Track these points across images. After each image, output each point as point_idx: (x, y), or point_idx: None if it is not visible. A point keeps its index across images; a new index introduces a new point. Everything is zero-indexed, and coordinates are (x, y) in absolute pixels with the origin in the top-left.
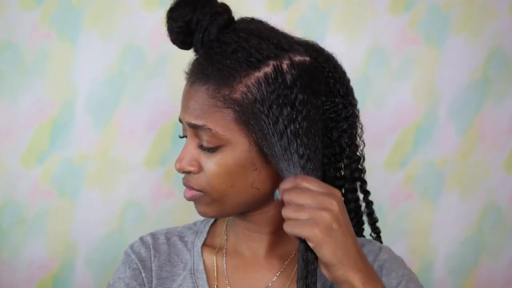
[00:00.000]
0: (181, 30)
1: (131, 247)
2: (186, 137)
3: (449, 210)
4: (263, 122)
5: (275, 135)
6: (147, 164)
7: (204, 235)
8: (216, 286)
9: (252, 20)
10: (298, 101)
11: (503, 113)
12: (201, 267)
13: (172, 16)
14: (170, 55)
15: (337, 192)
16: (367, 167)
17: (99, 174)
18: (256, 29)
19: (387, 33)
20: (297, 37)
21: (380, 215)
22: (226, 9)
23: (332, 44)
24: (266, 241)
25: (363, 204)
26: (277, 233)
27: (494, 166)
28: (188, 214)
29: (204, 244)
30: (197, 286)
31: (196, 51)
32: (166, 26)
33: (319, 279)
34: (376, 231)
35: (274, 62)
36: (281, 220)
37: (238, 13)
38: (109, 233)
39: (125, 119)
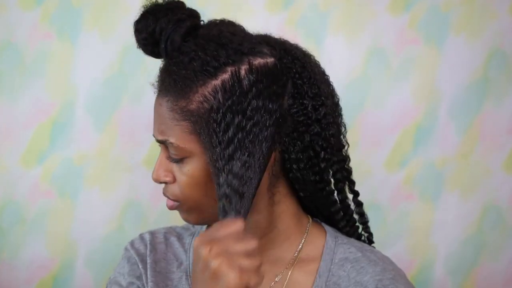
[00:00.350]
0: (146, 41)
1: (131, 243)
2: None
3: (449, 210)
4: (212, 131)
5: (222, 144)
6: (147, 164)
7: None
8: None
9: (218, 24)
10: (250, 108)
11: (503, 113)
12: None
13: (137, 28)
14: None
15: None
16: (367, 167)
17: (99, 174)
18: (217, 34)
19: (387, 33)
20: (267, 36)
21: (380, 215)
22: (190, 14)
23: (332, 44)
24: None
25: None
26: (265, 238)
27: (494, 166)
28: None
29: None
30: None
31: (164, 61)
32: (135, 40)
33: (322, 277)
34: (366, 230)
35: (232, 68)
36: (266, 225)
37: (238, 13)
38: (109, 233)
39: (125, 119)
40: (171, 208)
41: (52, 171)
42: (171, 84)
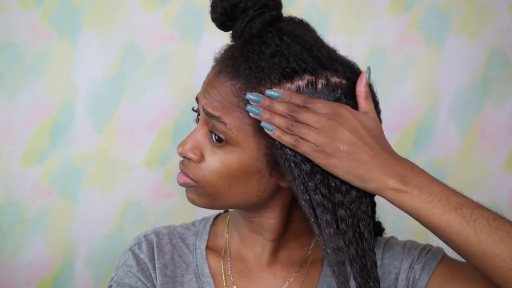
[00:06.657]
0: (224, 11)
1: (139, 246)
2: (198, 114)
3: None
4: None
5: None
6: (147, 164)
7: (206, 236)
8: None
9: (300, 23)
10: None
11: (503, 113)
12: (207, 271)
13: None
14: (170, 55)
15: (343, 109)
16: None
17: (99, 174)
18: (301, 35)
19: (387, 33)
20: (339, 54)
21: (380, 215)
22: (277, 4)
23: (332, 44)
24: (268, 247)
25: None
26: (279, 240)
27: (494, 166)
28: (188, 214)
29: (208, 247)
30: None
31: (233, 37)
32: (210, 3)
33: (324, 279)
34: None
35: (310, 78)
36: (283, 230)
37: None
38: (109, 233)
39: (125, 119)
40: (183, 185)
41: (52, 171)
42: (245, 71)
